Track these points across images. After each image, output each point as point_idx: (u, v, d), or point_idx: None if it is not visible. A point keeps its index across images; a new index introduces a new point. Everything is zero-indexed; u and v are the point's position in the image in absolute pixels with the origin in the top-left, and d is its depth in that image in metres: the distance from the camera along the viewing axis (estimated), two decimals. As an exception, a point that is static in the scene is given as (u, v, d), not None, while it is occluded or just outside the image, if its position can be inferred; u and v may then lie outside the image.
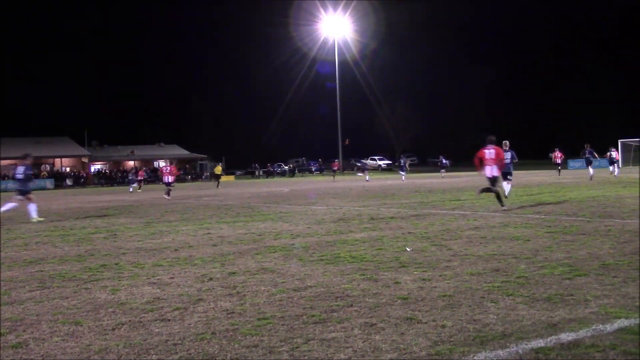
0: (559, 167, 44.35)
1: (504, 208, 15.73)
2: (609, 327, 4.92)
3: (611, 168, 40.72)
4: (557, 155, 44.54)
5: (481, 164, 16.32)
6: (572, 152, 64.54)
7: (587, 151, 34.99)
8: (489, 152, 16.29)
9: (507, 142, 20.12)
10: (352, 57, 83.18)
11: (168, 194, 30.42)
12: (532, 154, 74.99)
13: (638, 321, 5.05)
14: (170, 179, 30.99)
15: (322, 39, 79.53)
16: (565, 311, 5.46)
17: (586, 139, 41.04)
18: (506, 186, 19.34)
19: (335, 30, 77.38)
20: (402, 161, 52.67)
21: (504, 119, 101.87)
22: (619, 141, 65.14)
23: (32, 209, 18.41)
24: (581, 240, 9.78)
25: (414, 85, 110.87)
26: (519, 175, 37.39)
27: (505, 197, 18.44)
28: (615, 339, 4.63)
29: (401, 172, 49.17)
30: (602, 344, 4.50)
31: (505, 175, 19.24)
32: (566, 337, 4.71)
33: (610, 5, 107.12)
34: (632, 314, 5.28)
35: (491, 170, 16.18)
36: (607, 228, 11.20)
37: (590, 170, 33.57)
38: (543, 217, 13.75)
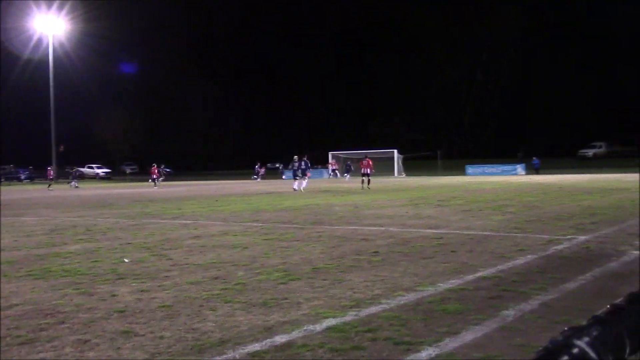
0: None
1: None
2: (318, 327, 5.25)
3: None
4: None
5: None
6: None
7: (301, 162, 32.03)
8: None
9: None
10: (68, 57, 78.13)
11: None
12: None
13: (344, 319, 5.47)
14: None
15: (36, 37, 73.89)
16: (280, 314, 5.71)
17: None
18: None
19: (50, 28, 72.37)
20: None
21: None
22: None
23: None
24: (295, 247, 10.34)
25: (137, 90, 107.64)
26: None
27: None
28: (324, 337, 4.95)
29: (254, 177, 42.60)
30: (312, 344, 4.79)
31: None
32: (280, 339, 4.93)
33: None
34: (339, 313, 5.70)
35: None
36: (318, 234, 12.01)
37: (304, 182, 31.59)
38: (261, 225, 14.29)
